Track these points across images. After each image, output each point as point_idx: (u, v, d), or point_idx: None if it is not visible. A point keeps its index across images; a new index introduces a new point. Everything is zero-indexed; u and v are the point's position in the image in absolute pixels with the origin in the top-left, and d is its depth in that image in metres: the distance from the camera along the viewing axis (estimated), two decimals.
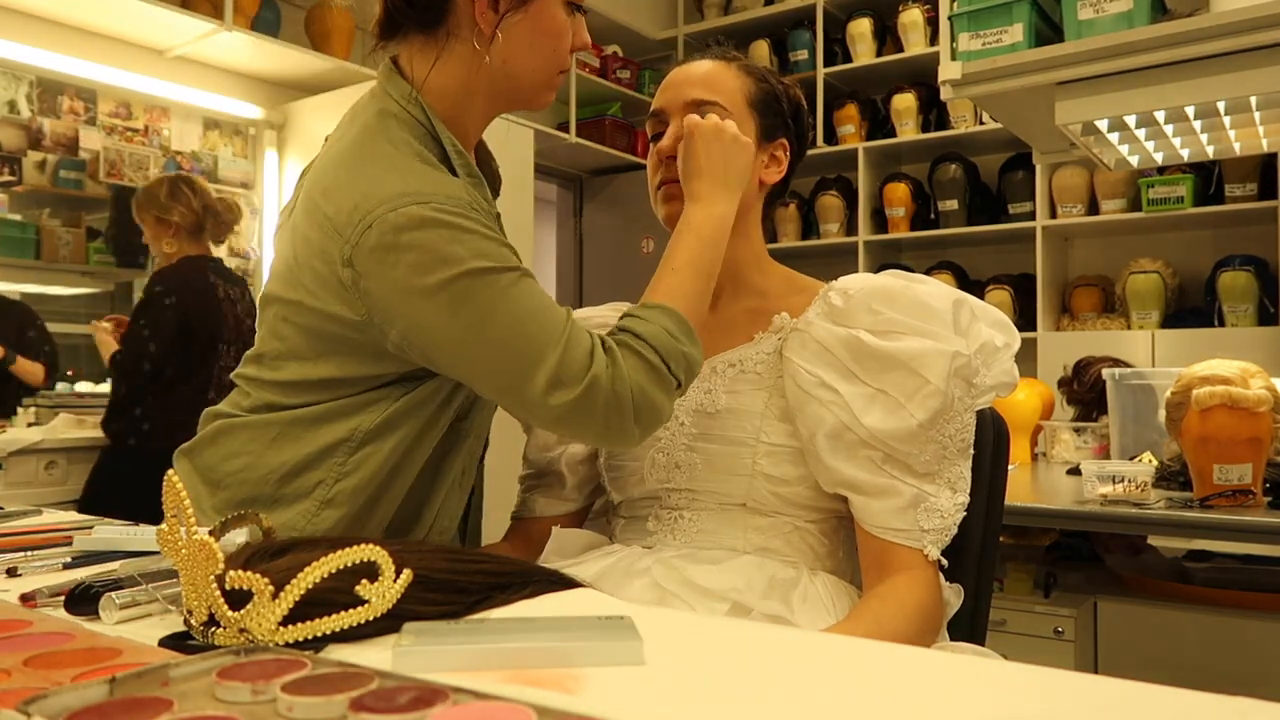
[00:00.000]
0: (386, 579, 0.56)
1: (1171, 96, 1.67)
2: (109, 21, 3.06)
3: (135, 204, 2.64)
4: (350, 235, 0.90)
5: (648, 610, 0.64)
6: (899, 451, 0.95)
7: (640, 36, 4.70)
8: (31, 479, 2.45)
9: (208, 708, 0.43)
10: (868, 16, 4.34)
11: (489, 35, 0.96)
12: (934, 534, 0.95)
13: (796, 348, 1.01)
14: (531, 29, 0.98)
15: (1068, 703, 0.47)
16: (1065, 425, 2.39)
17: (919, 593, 0.92)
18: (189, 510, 0.57)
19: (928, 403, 0.94)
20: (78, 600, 0.62)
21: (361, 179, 0.92)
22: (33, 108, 3.04)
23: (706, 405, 1.04)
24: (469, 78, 0.99)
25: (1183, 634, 1.86)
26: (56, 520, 1.01)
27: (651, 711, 0.45)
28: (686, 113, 1.05)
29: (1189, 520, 1.56)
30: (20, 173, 3.01)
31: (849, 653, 0.50)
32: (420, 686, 0.45)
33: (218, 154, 3.51)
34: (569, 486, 1.16)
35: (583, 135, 4.38)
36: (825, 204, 4.41)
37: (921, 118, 4.26)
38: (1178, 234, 3.86)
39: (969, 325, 1.00)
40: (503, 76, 1.00)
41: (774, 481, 1.00)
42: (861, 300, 1.00)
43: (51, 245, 3.09)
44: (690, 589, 0.93)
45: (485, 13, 0.96)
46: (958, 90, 1.84)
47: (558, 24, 1.00)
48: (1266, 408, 1.57)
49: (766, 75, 1.11)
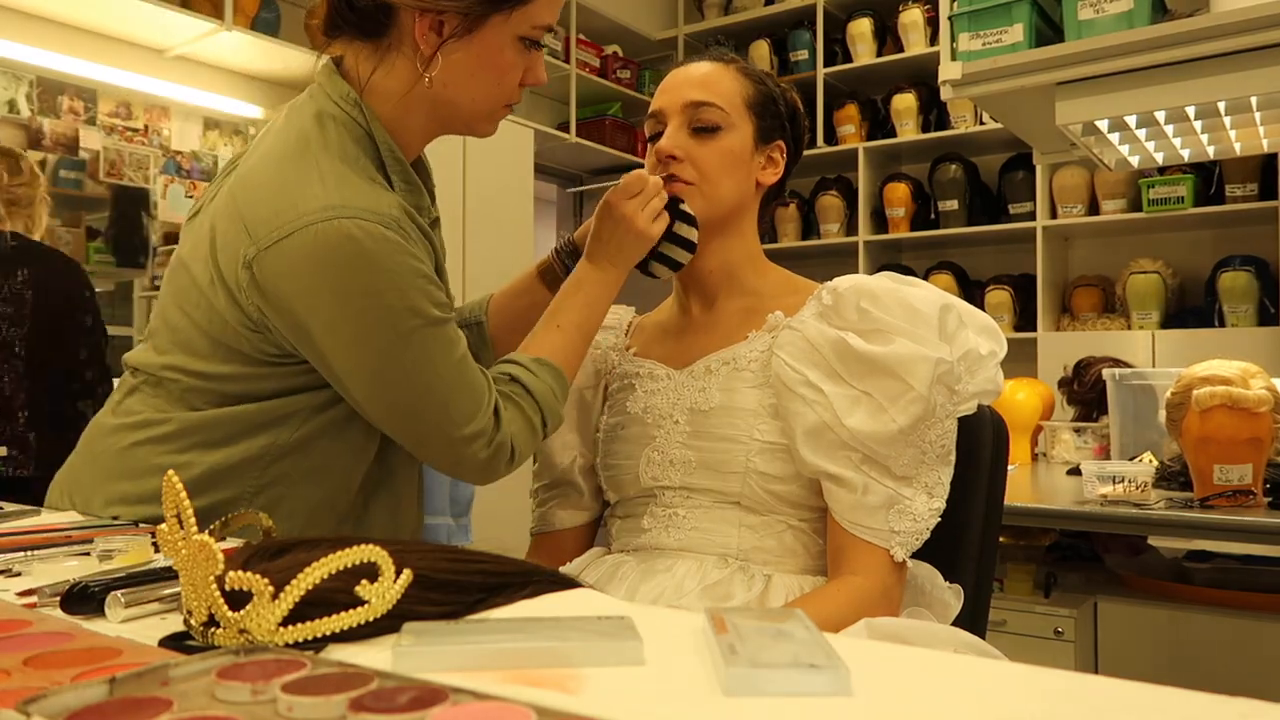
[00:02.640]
0: (386, 579, 0.56)
1: (1171, 96, 1.67)
2: (109, 21, 3.06)
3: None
4: (261, 239, 0.88)
5: (648, 610, 0.64)
6: (878, 454, 0.95)
7: (640, 36, 4.70)
8: None
9: (208, 708, 0.43)
10: (868, 16, 4.33)
11: (428, 57, 0.94)
12: (903, 536, 0.96)
13: (785, 345, 1.02)
14: (475, 59, 0.95)
15: (1068, 703, 0.47)
16: (1065, 425, 2.39)
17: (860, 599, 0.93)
18: (189, 510, 0.57)
19: (910, 408, 0.94)
20: (74, 600, 0.62)
21: (287, 184, 0.89)
22: (33, 107, 3.04)
23: (700, 403, 1.04)
24: (408, 92, 0.96)
25: (1183, 634, 1.86)
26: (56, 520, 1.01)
27: (651, 711, 0.45)
28: (685, 113, 1.07)
29: (1189, 520, 1.56)
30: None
31: (848, 653, 0.50)
32: (420, 686, 0.45)
33: (218, 154, 3.51)
34: (587, 495, 1.17)
35: (583, 135, 4.38)
36: (825, 204, 4.41)
37: (921, 118, 4.26)
38: (1178, 234, 3.86)
39: (955, 331, 1.00)
40: (442, 100, 0.97)
41: (767, 479, 1.00)
42: (850, 298, 1.01)
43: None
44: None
45: (427, 34, 0.93)
46: (958, 90, 1.84)
47: (503, 59, 0.96)
48: (1266, 408, 1.57)
49: (764, 78, 1.12)
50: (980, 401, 1.03)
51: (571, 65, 4.22)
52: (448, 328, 0.92)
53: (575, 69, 4.25)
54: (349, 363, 0.90)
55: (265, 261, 0.88)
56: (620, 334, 1.20)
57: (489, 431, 0.93)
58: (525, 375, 0.98)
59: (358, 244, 0.86)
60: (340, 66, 0.99)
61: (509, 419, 0.95)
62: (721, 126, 1.06)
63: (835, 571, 0.97)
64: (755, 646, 0.50)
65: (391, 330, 0.88)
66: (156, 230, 3.39)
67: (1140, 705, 0.45)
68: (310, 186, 0.88)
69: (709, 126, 1.06)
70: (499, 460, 0.95)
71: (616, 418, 1.12)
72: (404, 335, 0.89)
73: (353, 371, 0.91)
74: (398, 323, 0.88)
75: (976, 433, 1.07)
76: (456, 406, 0.92)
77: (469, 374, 0.93)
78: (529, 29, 0.96)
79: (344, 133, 0.94)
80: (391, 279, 0.88)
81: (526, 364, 0.99)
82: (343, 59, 0.99)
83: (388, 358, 0.89)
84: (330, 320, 0.88)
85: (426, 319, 0.90)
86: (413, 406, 0.92)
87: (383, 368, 0.90)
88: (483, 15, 0.93)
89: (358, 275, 0.87)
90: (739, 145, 1.07)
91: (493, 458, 0.94)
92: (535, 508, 1.20)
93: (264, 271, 0.88)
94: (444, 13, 0.92)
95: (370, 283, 0.87)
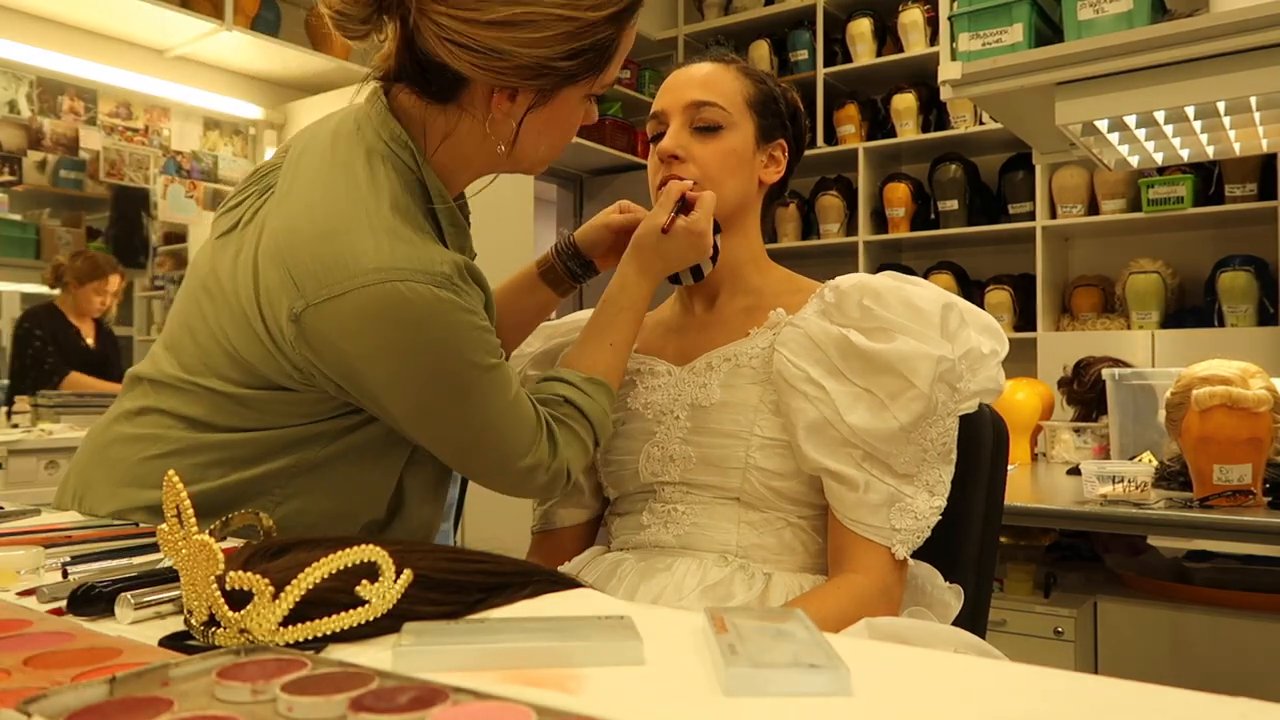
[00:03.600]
0: (386, 579, 0.56)
1: (1171, 96, 1.67)
2: (109, 21, 3.06)
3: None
4: (310, 294, 0.84)
5: (648, 610, 0.64)
6: (880, 451, 0.96)
7: (640, 36, 4.67)
8: (31, 479, 2.45)
9: (208, 707, 0.43)
10: (868, 16, 4.33)
11: (503, 129, 0.93)
12: (905, 534, 0.96)
13: (787, 341, 1.02)
14: (546, 122, 0.94)
15: (1068, 703, 0.47)
16: (1065, 425, 2.38)
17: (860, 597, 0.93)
18: (189, 510, 0.57)
19: (911, 405, 0.95)
20: (80, 602, 0.62)
21: (337, 233, 0.86)
22: (33, 107, 3.04)
23: (701, 399, 1.05)
24: (472, 153, 0.96)
25: (1183, 634, 1.86)
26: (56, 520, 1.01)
27: (651, 711, 0.45)
28: (687, 113, 1.07)
29: (1189, 520, 1.56)
30: (20, 172, 3.01)
31: (848, 653, 0.50)
32: (420, 686, 0.45)
33: (218, 154, 3.51)
34: (588, 493, 1.17)
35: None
36: (825, 204, 4.41)
37: (921, 118, 4.26)
38: (1178, 234, 3.86)
39: (957, 330, 1.01)
40: (507, 157, 0.96)
41: (767, 475, 1.00)
42: (853, 296, 1.01)
43: (52, 245, 3.09)
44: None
45: (503, 104, 0.91)
46: (958, 90, 1.84)
47: (574, 116, 0.97)
48: (1266, 408, 1.57)
49: (765, 78, 1.12)
50: (982, 400, 1.03)
51: None
52: (502, 370, 0.91)
53: None
54: (406, 412, 0.90)
55: (314, 319, 0.85)
56: None
57: (545, 460, 0.94)
58: (579, 397, 0.99)
59: (412, 307, 0.84)
60: (392, 101, 0.95)
61: (564, 442, 0.96)
62: (723, 126, 1.06)
63: (836, 569, 0.98)
64: (755, 646, 0.50)
65: (449, 383, 0.88)
66: (156, 230, 3.39)
67: (1140, 705, 0.45)
68: (361, 241, 0.85)
69: (711, 126, 1.06)
70: (556, 484, 0.97)
71: (617, 414, 1.12)
72: (463, 388, 0.88)
73: (411, 419, 0.91)
74: (455, 378, 0.88)
75: (976, 432, 1.07)
76: (513, 443, 0.92)
77: (522, 410, 0.93)
78: (599, 88, 0.96)
79: (395, 178, 0.91)
80: (447, 338, 0.86)
81: (579, 384, 1.00)
82: (396, 95, 0.95)
83: (446, 406, 0.89)
84: (386, 378, 0.87)
85: (484, 368, 0.89)
86: (472, 446, 0.93)
87: (441, 415, 0.90)
88: (560, 88, 0.92)
89: (413, 335, 0.85)
90: (741, 144, 1.07)
91: (551, 482, 0.96)
92: (536, 506, 1.20)
93: (312, 328, 0.85)
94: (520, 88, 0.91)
95: (426, 342, 0.85)
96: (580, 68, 0.90)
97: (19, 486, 2.41)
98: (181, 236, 3.49)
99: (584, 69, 0.91)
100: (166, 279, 3.46)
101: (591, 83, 0.94)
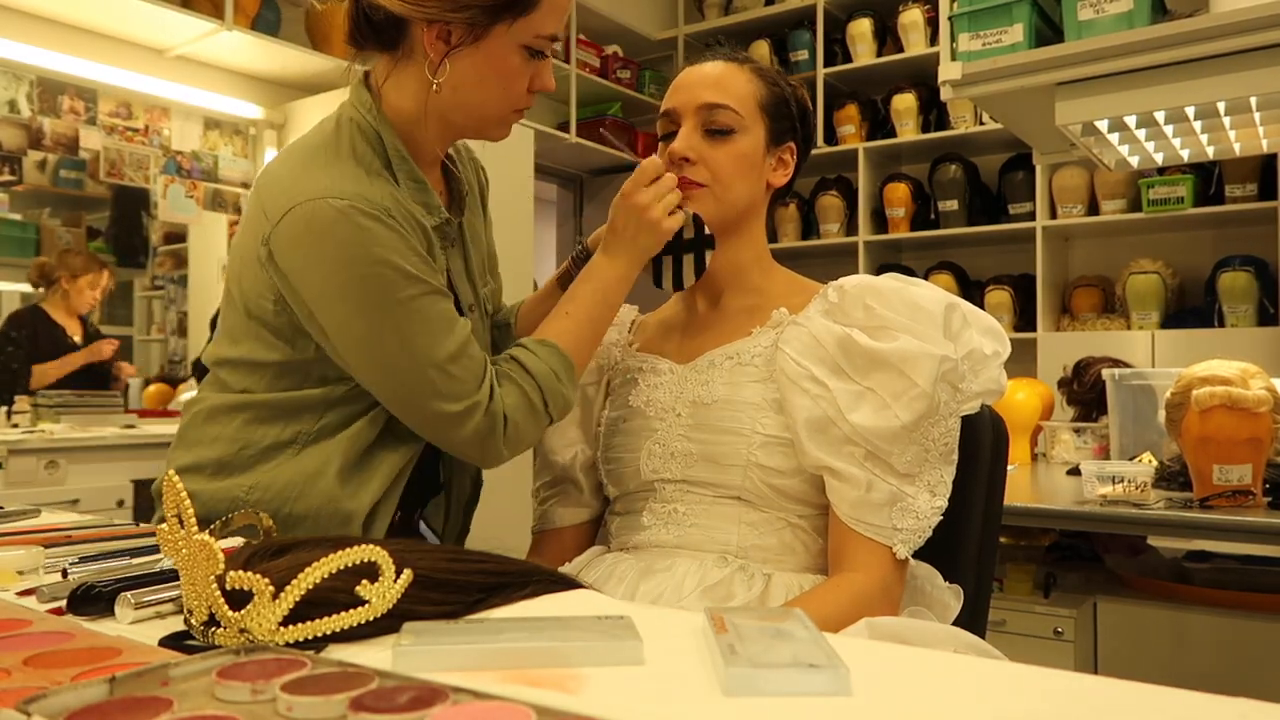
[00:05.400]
0: (386, 579, 0.56)
1: (1171, 97, 1.67)
2: (109, 21, 3.06)
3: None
4: (273, 217, 0.96)
5: (648, 610, 0.64)
6: (881, 450, 0.96)
7: (640, 36, 4.69)
8: (31, 479, 2.44)
9: (208, 707, 0.43)
10: (868, 16, 4.33)
11: (436, 64, 0.99)
12: (906, 534, 0.96)
13: (790, 340, 1.02)
14: (481, 67, 0.99)
15: (1067, 703, 0.47)
16: (1065, 425, 2.38)
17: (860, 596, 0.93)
18: (189, 510, 0.57)
19: (913, 405, 0.95)
20: (80, 602, 0.62)
21: (298, 172, 0.98)
22: (33, 107, 3.04)
23: (703, 396, 1.05)
24: (422, 100, 1.02)
25: (1183, 634, 1.86)
26: (56, 520, 1.01)
27: (651, 711, 0.45)
28: (699, 115, 1.07)
29: (1189, 520, 1.56)
30: (20, 172, 3.01)
31: (848, 653, 0.50)
32: (420, 686, 0.45)
33: (218, 154, 3.51)
34: (587, 492, 1.17)
35: (583, 135, 4.38)
36: (825, 204, 4.40)
37: (921, 118, 4.26)
38: (1178, 234, 3.86)
39: (960, 330, 1.01)
40: (452, 106, 1.02)
41: (768, 473, 1.00)
42: (856, 296, 1.02)
43: (52, 245, 3.09)
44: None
45: (435, 43, 0.98)
46: (958, 90, 1.84)
47: (509, 65, 1.00)
48: (1266, 408, 1.57)
49: (778, 79, 1.12)
50: (984, 401, 1.03)
51: (572, 65, 4.22)
52: (444, 302, 0.97)
53: (575, 69, 4.24)
54: (336, 331, 0.96)
55: (274, 237, 0.95)
56: (624, 330, 1.21)
57: (483, 404, 0.96)
58: (524, 355, 1.02)
59: (338, 224, 0.92)
60: (368, 79, 1.06)
61: (504, 393, 0.99)
62: (735, 130, 1.06)
63: (836, 568, 0.97)
64: (755, 646, 0.50)
65: (383, 295, 0.93)
66: (157, 230, 3.39)
67: (1140, 705, 0.45)
68: (314, 174, 0.96)
69: (723, 129, 1.06)
70: (494, 435, 0.98)
71: (618, 411, 1.12)
72: (402, 302, 0.93)
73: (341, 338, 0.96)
74: (377, 298, 0.93)
75: (976, 433, 1.07)
76: (453, 378, 0.95)
77: (469, 349, 0.97)
78: (532, 38, 0.99)
79: (357, 134, 1.01)
80: (381, 250, 0.93)
81: (528, 345, 1.03)
82: (370, 71, 1.06)
83: (380, 322, 0.94)
84: (318, 292, 0.95)
85: (406, 296, 0.94)
86: (407, 372, 0.95)
87: (369, 342, 0.95)
88: (486, 25, 0.97)
89: (336, 251, 0.92)
90: (752, 148, 1.07)
91: (489, 433, 0.97)
92: (536, 506, 1.20)
93: (275, 247, 0.96)
94: (450, 23, 0.97)
95: (348, 258, 0.92)
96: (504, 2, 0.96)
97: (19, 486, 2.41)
98: (181, 236, 3.48)
99: (507, 4, 0.96)
100: (166, 279, 3.46)
101: (519, 24, 0.98)
